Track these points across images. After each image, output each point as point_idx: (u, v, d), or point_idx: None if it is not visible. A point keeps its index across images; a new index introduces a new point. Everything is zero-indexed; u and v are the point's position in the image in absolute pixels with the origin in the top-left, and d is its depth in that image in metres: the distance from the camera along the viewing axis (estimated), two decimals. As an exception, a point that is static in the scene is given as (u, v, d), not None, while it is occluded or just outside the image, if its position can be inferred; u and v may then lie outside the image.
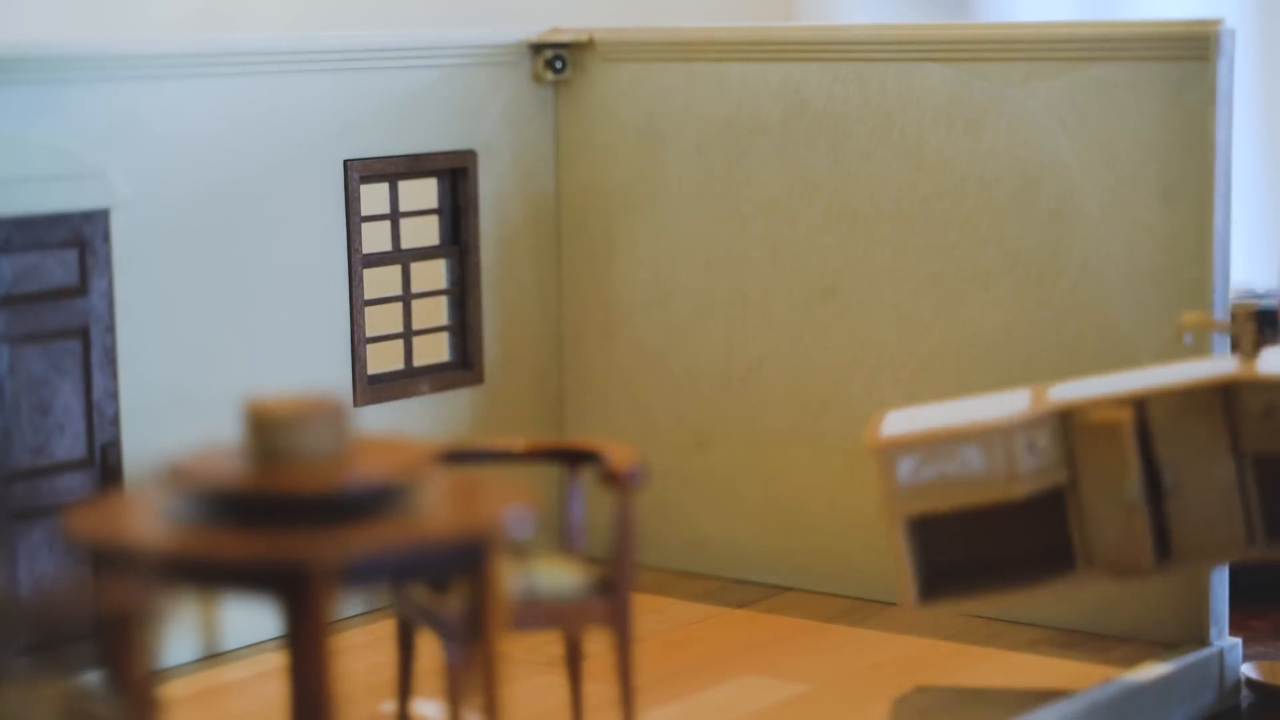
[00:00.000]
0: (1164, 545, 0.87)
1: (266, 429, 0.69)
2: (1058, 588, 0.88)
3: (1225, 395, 0.86)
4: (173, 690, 0.83)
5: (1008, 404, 0.89)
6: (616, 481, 0.81)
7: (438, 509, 0.70)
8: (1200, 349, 0.91)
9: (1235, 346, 0.88)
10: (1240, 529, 0.86)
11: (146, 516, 0.69)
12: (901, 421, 0.90)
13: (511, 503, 0.71)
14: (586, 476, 0.85)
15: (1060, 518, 0.88)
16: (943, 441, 0.86)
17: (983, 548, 0.90)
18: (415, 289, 1.08)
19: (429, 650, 0.81)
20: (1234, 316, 0.87)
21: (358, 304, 1.04)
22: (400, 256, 1.07)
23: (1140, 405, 0.86)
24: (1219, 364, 0.88)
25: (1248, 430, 0.85)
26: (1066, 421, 0.87)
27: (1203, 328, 0.90)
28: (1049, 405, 0.87)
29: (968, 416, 0.88)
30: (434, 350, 1.09)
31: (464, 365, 1.10)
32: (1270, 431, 0.85)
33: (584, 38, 1.11)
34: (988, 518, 0.88)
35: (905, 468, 0.87)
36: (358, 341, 1.04)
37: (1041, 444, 0.87)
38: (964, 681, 0.93)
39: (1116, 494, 0.86)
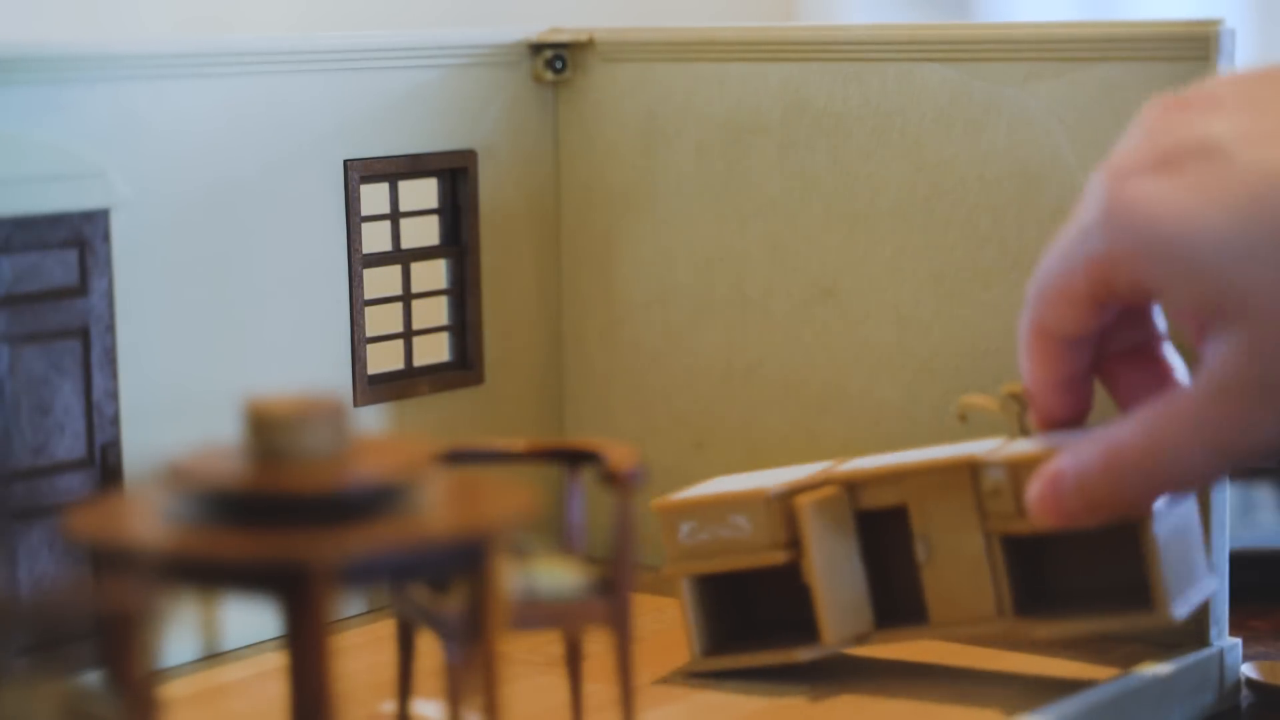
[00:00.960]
0: (921, 614, 0.92)
1: (266, 429, 0.69)
2: (802, 654, 0.93)
3: (973, 474, 0.90)
4: (173, 690, 0.83)
5: (797, 474, 0.95)
6: (616, 481, 0.81)
7: (438, 509, 0.70)
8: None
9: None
10: (991, 602, 0.90)
11: (146, 516, 0.69)
12: (714, 486, 0.97)
13: (511, 503, 0.71)
14: (586, 476, 0.85)
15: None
16: (714, 507, 0.93)
17: (771, 607, 0.96)
18: (415, 289, 1.08)
19: (429, 650, 0.81)
20: (1002, 399, 0.91)
21: (358, 304, 1.04)
22: (400, 256, 1.07)
23: (852, 486, 0.93)
24: (986, 443, 0.92)
25: (986, 509, 0.90)
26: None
27: (980, 410, 0.93)
28: (816, 478, 0.93)
29: (758, 484, 0.93)
30: (434, 350, 1.09)
31: (464, 365, 1.10)
32: (1002, 510, 0.89)
33: (584, 38, 1.11)
34: (776, 578, 0.93)
35: (684, 530, 0.94)
36: (358, 341, 1.04)
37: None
38: (964, 681, 0.93)
39: (828, 565, 0.92)
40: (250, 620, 0.98)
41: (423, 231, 1.09)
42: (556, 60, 1.11)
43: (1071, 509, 0.84)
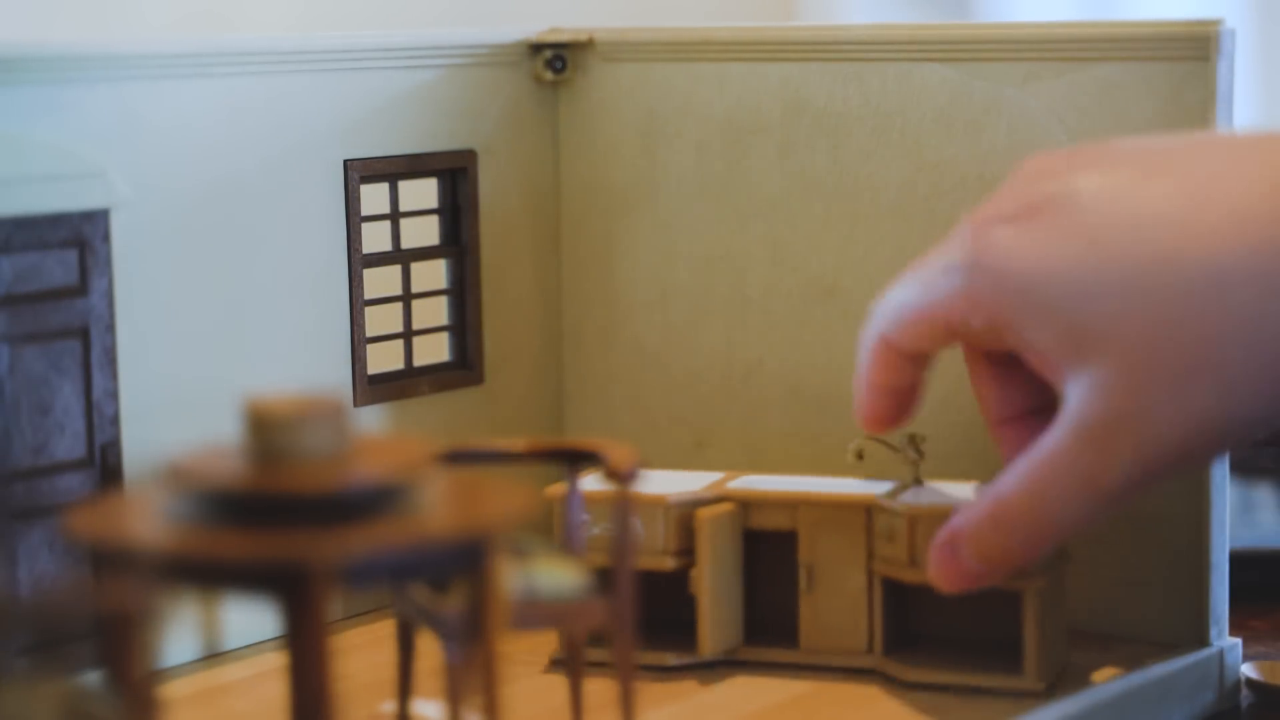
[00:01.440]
0: (792, 638, 0.95)
1: (266, 429, 0.69)
2: (672, 659, 0.95)
3: (869, 514, 0.93)
4: (173, 690, 0.82)
5: (697, 482, 0.97)
6: (616, 481, 0.81)
7: (438, 509, 0.70)
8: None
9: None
10: (863, 639, 0.94)
11: (146, 516, 0.69)
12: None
13: (511, 503, 0.71)
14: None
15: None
16: (612, 506, 0.93)
17: (651, 605, 0.96)
18: (415, 289, 1.08)
19: (429, 650, 0.81)
20: (901, 442, 0.95)
21: (358, 304, 1.04)
22: (400, 256, 1.07)
23: (748, 505, 0.96)
24: (884, 485, 0.95)
25: (876, 551, 0.93)
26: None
27: (879, 448, 0.95)
28: (715, 491, 0.96)
29: (662, 489, 0.95)
30: (434, 350, 1.09)
31: (464, 365, 1.10)
32: (893, 556, 0.92)
33: (584, 38, 1.11)
34: (664, 579, 0.95)
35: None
36: (358, 341, 1.04)
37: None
38: (964, 681, 0.93)
39: (715, 580, 0.94)
40: (250, 620, 0.98)
41: (423, 231, 1.09)
42: (556, 60, 1.11)
43: (971, 571, 0.86)
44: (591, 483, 0.92)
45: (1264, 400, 0.81)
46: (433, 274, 1.09)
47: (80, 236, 0.91)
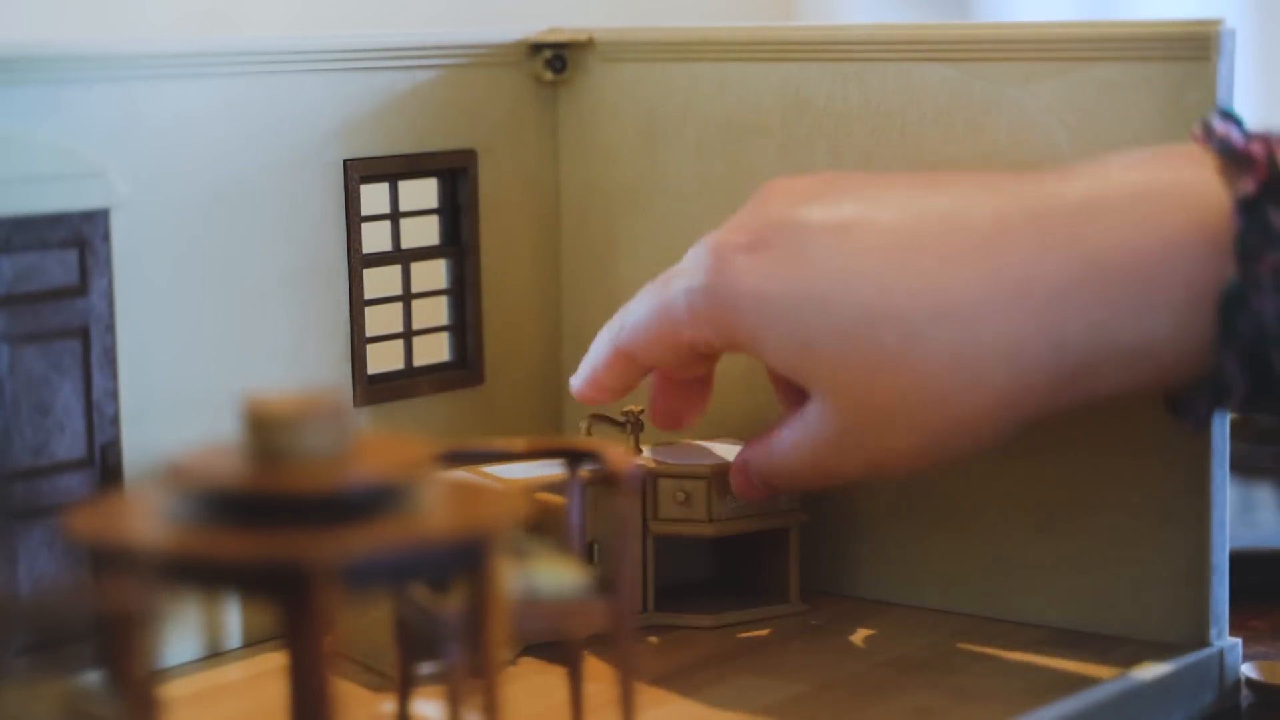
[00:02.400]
0: None
1: (266, 429, 0.69)
2: None
3: (644, 482, 1.00)
4: (173, 690, 0.82)
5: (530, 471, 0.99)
6: (616, 481, 0.81)
7: (438, 509, 0.70)
8: None
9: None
10: (639, 599, 1.00)
11: (146, 516, 0.69)
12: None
13: (511, 504, 0.71)
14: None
15: None
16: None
17: None
18: (415, 289, 1.08)
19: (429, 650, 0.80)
20: (623, 417, 1.03)
21: (358, 304, 1.04)
22: (400, 256, 1.07)
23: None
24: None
25: (660, 513, 1.01)
26: None
27: (603, 425, 1.03)
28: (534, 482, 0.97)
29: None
30: (434, 350, 1.09)
31: (464, 365, 1.10)
32: (681, 514, 1.00)
33: (584, 38, 1.11)
34: None
35: None
36: (358, 341, 1.04)
37: None
38: (964, 681, 0.93)
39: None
40: (250, 620, 0.98)
41: (423, 231, 1.09)
42: (556, 60, 1.11)
43: (755, 488, 0.98)
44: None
45: (956, 440, 0.89)
46: (433, 274, 1.09)
47: (80, 236, 0.91)
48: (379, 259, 1.06)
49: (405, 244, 1.07)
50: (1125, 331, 0.85)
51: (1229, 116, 0.88)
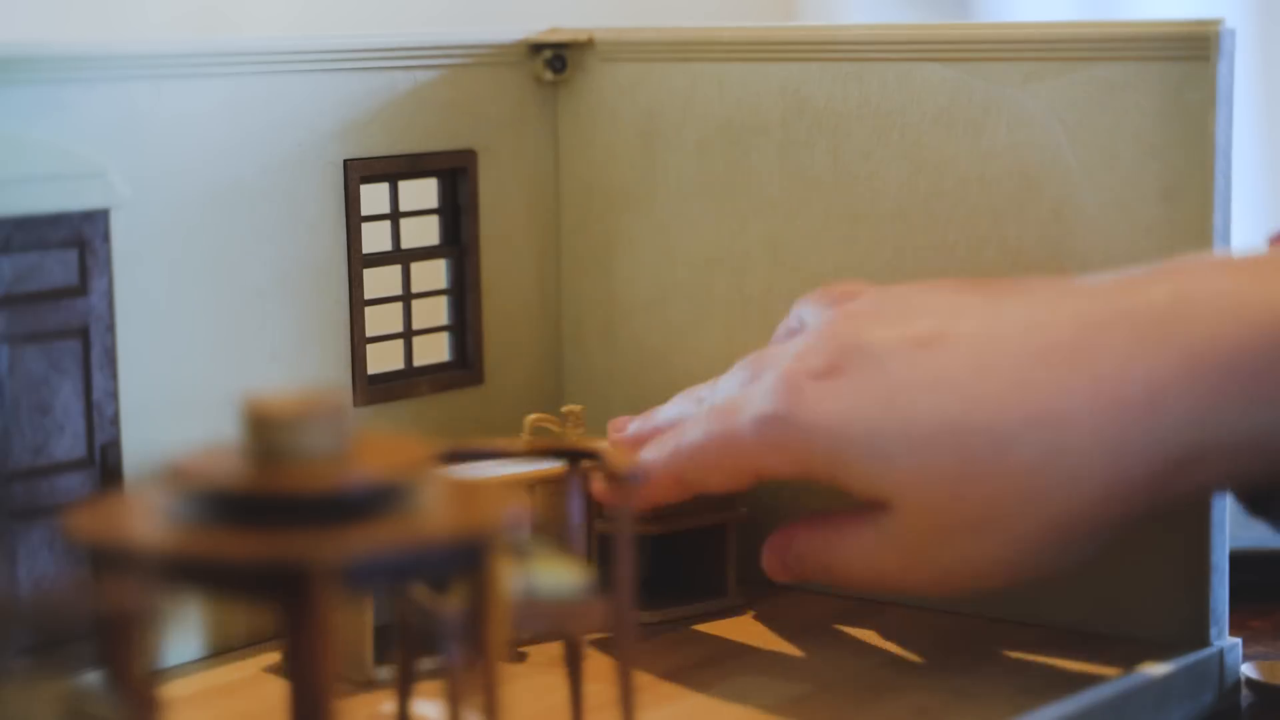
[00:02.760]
0: None
1: (266, 429, 0.69)
2: None
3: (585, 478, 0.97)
4: (173, 690, 0.83)
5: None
6: (616, 481, 0.81)
7: (438, 509, 0.69)
8: None
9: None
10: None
11: (146, 516, 0.69)
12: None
13: (511, 504, 0.71)
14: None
15: None
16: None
17: None
18: (415, 289, 1.08)
19: (429, 650, 0.80)
20: (562, 418, 1.02)
21: (358, 304, 1.04)
22: (400, 256, 1.07)
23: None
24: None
25: (596, 511, 0.99)
26: None
27: (544, 426, 1.02)
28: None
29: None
30: (434, 350, 1.09)
31: (464, 365, 1.10)
32: (602, 511, 0.98)
33: (584, 38, 1.11)
34: None
35: None
36: (358, 341, 1.04)
37: None
38: (964, 681, 0.93)
39: None
40: (251, 620, 0.98)
41: (423, 231, 1.09)
42: (556, 60, 1.11)
43: (788, 569, 0.96)
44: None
45: (1050, 546, 0.87)
46: (433, 274, 1.09)
47: (80, 236, 0.91)
48: (379, 259, 1.06)
49: (405, 244, 1.07)
50: (1229, 425, 0.83)
51: None
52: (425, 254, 1.08)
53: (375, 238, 1.05)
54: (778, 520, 0.98)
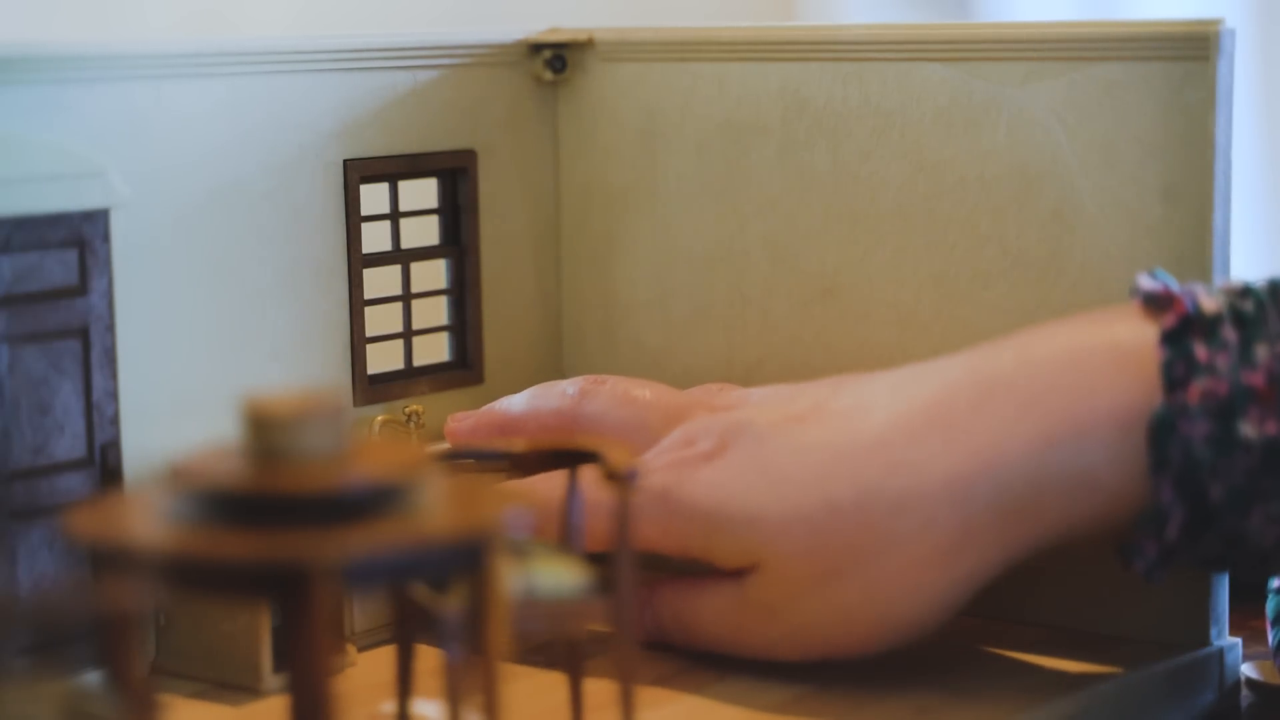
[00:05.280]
0: None
1: (266, 429, 0.69)
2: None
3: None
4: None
5: None
6: (616, 481, 0.81)
7: (437, 509, 0.70)
8: None
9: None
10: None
11: (146, 516, 0.69)
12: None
13: (511, 503, 0.71)
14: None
15: None
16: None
17: None
18: (415, 289, 1.08)
19: (429, 650, 0.80)
20: (407, 416, 1.05)
21: (358, 304, 1.04)
22: (400, 256, 1.07)
23: None
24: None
25: None
26: None
27: (390, 425, 1.04)
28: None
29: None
30: (434, 350, 1.09)
31: (464, 365, 1.10)
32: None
33: (584, 38, 1.11)
34: None
35: None
36: (358, 341, 1.04)
37: None
38: (964, 681, 0.93)
39: None
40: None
41: (423, 231, 1.09)
42: (556, 60, 1.11)
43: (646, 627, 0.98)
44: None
45: (903, 598, 0.90)
46: (433, 274, 1.09)
47: (80, 236, 0.91)
48: (379, 259, 1.06)
49: (405, 244, 1.07)
50: (1063, 463, 0.88)
51: (1157, 275, 0.91)
52: (425, 254, 1.08)
53: (375, 238, 1.05)
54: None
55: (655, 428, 0.98)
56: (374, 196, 1.05)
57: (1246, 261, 1.96)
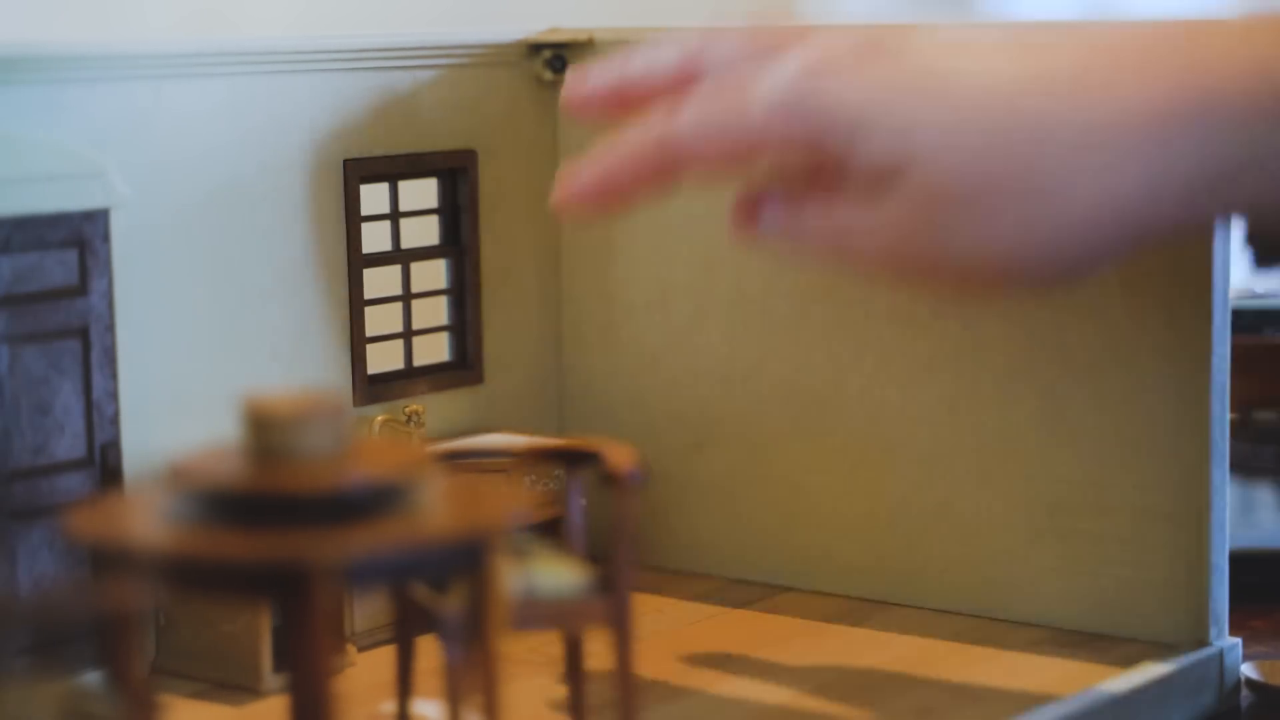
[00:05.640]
0: None
1: (266, 429, 0.69)
2: None
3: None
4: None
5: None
6: (616, 481, 0.81)
7: (438, 509, 0.70)
8: None
9: None
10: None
11: (146, 516, 0.69)
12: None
13: (511, 503, 0.71)
14: (586, 476, 0.85)
15: None
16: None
17: None
18: (415, 289, 1.08)
19: (429, 650, 0.81)
20: (406, 416, 1.04)
21: (358, 304, 1.04)
22: (400, 256, 1.07)
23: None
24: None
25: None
26: None
27: (388, 424, 1.04)
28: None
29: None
30: (434, 350, 1.09)
31: (464, 365, 1.10)
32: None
33: (584, 38, 1.11)
34: None
35: None
36: (357, 341, 1.04)
37: None
38: (964, 681, 0.93)
39: None
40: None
41: (422, 231, 1.09)
42: (556, 60, 1.11)
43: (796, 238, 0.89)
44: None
45: (1070, 243, 0.82)
46: (433, 274, 1.09)
47: (80, 236, 0.91)
48: (379, 259, 1.06)
49: (405, 244, 1.07)
50: (1266, 145, 0.80)
51: None
52: (425, 254, 1.08)
53: (375, 238, 1.05)
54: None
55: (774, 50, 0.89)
56: (374, 196, 1.05)
57: (1246, 262, 1.95)
